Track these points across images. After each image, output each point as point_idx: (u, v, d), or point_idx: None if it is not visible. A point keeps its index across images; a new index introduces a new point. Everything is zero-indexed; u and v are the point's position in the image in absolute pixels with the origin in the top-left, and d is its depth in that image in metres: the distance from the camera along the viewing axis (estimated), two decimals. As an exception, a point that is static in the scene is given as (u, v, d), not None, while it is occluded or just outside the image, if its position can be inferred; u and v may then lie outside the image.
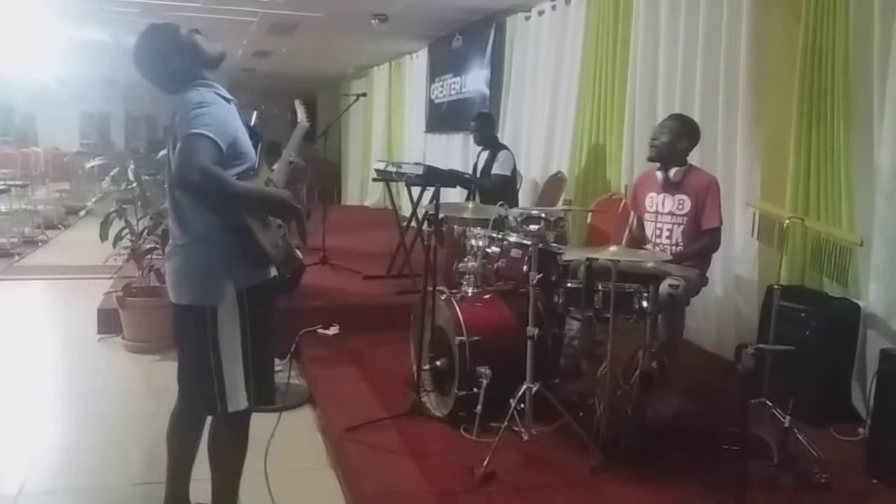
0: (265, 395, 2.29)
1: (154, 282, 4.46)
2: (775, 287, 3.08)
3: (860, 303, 3.28)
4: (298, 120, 2.60)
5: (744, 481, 2.13)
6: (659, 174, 3.31)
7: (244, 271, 2.15)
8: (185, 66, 2.15)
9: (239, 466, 2.33)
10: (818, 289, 3.49)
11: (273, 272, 2.28)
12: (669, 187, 3.30)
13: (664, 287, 2.95)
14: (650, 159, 3.36)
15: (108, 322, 4.64)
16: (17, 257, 7.40)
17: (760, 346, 2.16)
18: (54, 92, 13.66)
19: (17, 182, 9.41)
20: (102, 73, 13.07)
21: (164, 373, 3.98)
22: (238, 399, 2.16)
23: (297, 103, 2.77)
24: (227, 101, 2.17)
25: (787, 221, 3.18)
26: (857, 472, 2.78)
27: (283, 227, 2.23)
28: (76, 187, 11.49)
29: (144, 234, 4.45)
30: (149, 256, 4.48)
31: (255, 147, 2.23)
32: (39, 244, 8.28)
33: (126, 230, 4.45)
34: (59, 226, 9.45)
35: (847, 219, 3.31)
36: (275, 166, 2.31)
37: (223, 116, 2.08)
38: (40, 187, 11.82)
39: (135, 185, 4.42)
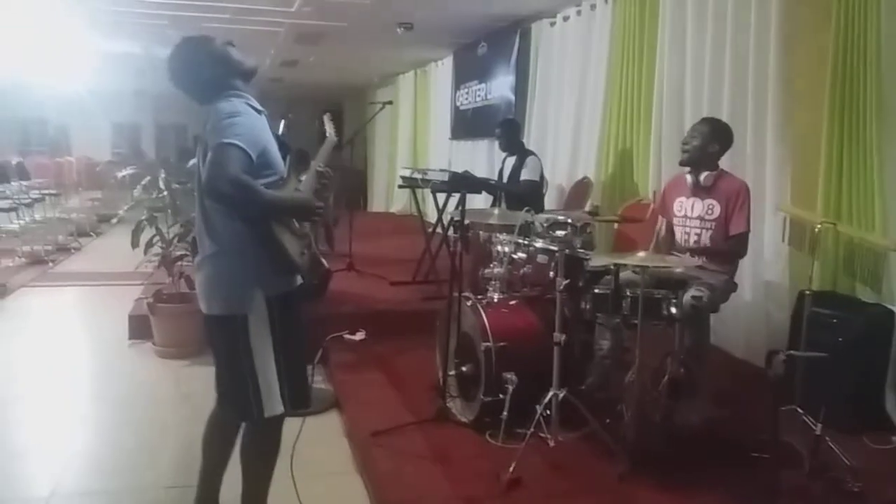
0: (300, 400, 2.33)
1: (184, 288, 4.53)
2: (807, 292, 3.02)
3: (894, 308, 3.22)
4: (327, 134, 2.62)
5: (775, 490, 2.10)
6: (689, 178, 3.28)
7: (272, 279, 2.18)
8: (218, 76, 2.19)
9: (270, 472, 2.36)
10: (851, 294, 3.43)
11: (299, 279, 2.30)
12: (699, 191, 3.26)
13: (687, 298, 2.92)
14: (682, 163, 3.32)
15: (139, 328, 4.71)
16: (50, 264, 7.55)
17: (792, 352, 2.13)
18: (86, 103, 13.95)
19: (51, 191, 9.68)
20: (133, 84, 13.34)
21: (194, 378, 4.05)
22: (273, 405, 2.18)
23: (325, 118, 2.79)
24: (258, 112, 2.21)
25: (819, 226, 3.13)
26: (892, 482, 2.72)
27: (309, 235, 2.26)
28: (108, 196, 11.71)
29: (175, 241, 4.52)
30: (179, 263, 4.54)
31: (284, 157, 2.26)
32: (72, 251, 8.44)
33: (157, 237, 4.52)
34: (92, 233, 9.62)
35: (880, 223, 3.25)
36: (303, 177, 2.34)
37: (254, 127, 2.11)
38: (73, 196, 12.10)
39: (165, 193, 4.50)
